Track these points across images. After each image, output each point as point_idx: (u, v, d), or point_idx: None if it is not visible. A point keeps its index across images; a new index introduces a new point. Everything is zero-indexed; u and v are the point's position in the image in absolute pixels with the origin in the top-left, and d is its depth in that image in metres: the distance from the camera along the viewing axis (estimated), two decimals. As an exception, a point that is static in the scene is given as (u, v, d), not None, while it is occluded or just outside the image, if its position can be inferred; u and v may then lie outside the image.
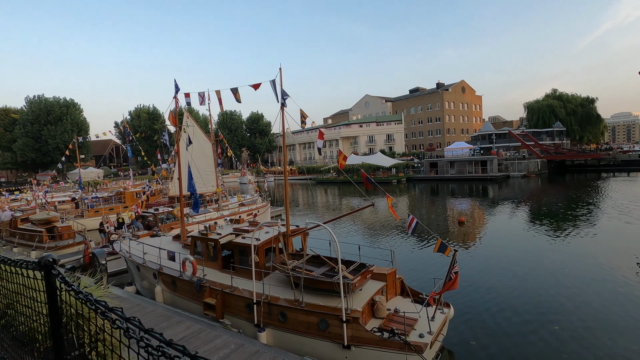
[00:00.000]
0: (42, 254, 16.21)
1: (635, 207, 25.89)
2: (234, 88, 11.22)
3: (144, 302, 11.28)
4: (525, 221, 24.07)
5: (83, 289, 3.99)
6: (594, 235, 19.12)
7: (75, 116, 77.15)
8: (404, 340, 7.12)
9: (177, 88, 13.03)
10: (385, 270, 9.20)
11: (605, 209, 25.83)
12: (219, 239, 10.76)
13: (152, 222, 20.07)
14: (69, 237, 20.44)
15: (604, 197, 31.86)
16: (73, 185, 53.22)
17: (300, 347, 8.32)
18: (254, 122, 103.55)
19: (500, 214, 27.09)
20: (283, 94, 9.79)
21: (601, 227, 20.75)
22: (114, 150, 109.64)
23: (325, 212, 33.47)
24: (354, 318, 7.57)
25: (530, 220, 24.12)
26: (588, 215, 24.40)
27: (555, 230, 20.61)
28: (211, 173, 22.50)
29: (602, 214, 24.28)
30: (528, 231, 20.79)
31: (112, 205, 30.54)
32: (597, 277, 13.01)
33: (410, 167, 64.14)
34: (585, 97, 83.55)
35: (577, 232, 19.86)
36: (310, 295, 8.50)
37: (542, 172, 60.80)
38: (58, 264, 11.14)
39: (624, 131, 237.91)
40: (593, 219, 23.15)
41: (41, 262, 2.79)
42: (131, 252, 13.31)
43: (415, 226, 8.50)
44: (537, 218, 24.80)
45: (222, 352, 7.98)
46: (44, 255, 2.82)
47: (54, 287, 2.77)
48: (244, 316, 9.26)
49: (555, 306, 10.77)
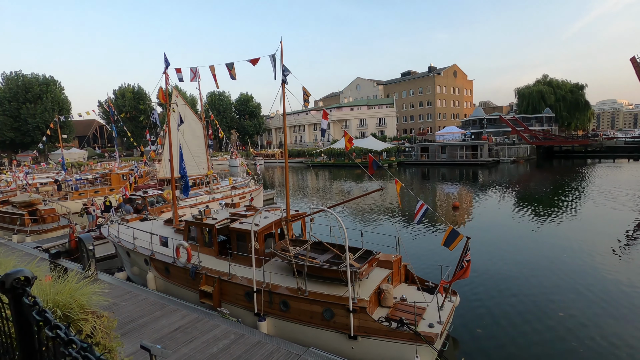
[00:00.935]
0: (24, 238, 15.28)
1: (620, 192, 26.31)
2: (230, 63, 10.45)
3: (135, 289, 10.78)
4: (518, 206, 24.16)
5: (72, 283, 3.44)
6: (589, 220, 19.30)
7: (56, 94, 74.01)
8: (414, 330, 6.83)
9: (167, 63, 12.14)
10: (391, 258, 8.88)
11: (593, 195, 26.14)
12: (215, 224, 10.24)
13: (140, 206, 19.33)
14: (53, 221, 19.58)
15: (591, 183, 32.27)
16: (55, 166, 51.37)
17: (303, 337, 8.00)
18: (244, 103, 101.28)
19: (493, 199, 27.17)
20: (284, 70, 9.12)
21: (592, 213, 20.95)
22: (98, 130, 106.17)
23: (319, 196, 33.09)
24: (362, 308, 7.24)
25: (523, 206, 24.23)
26: (577, 201, 24.66)
27: (549, 215, 20.71)
28: (202, 155, 21.70)
29: (590, 200, 24.54)
30: (523, 216, 20.84)
31: (98, 187, 29.50)
32: (596, 263, 13.03)
33: (401, 152, 64.01)
34: (575, 83, 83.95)
35: (573, 217, 20.01)
36: (314, 284, 8.13)
37: (531, 157, 61.47)
38: (42, 249, 10.23)
39: (608, 118, 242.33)
40: (583, 205, 23.38)
41: (6, 282, 1.85)
42: (120, 237, 12.70)
43: (424, 213, 8.12)
44: (529, 203, 24.93)
45: (221, 342, 7.60)
46: (12, 272, 1.91)
47: (26, 319, 1.86)
48: (243, 305, 8.87)
49: (557, 292, 10.72)
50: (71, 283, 3.52)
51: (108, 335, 3.56)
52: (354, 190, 35.77)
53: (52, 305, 3.11)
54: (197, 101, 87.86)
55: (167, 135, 12.50)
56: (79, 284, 3.63)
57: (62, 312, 3.09)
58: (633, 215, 19.62)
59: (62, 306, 3.14)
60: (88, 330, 3.31)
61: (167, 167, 17.98)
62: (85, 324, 3.29)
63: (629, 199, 23.80)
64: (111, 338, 3.64)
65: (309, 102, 9.10)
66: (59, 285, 3.38)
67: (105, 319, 3.60)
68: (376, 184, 40.52)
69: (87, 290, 3.50)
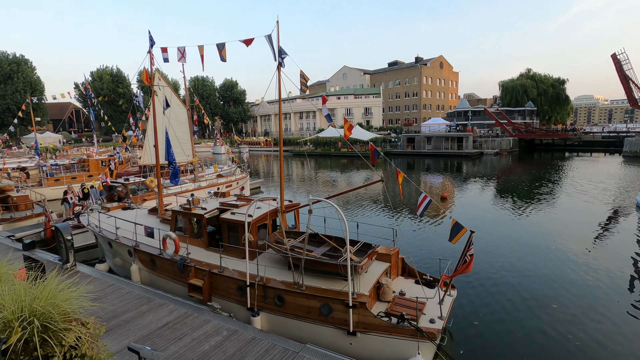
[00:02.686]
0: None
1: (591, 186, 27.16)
2: (221, 43, 9.79)
3: (118, 282, 10.20)
4: (502, 198, 24.47)
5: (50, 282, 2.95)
6: (567, 211, 19.71)
7: (28, 74, 70.09)
8: (415, 326, 6.62)
9: (152, 41, 11.30)
10: (389, 251, 8.63)
11: (568, 188, 26.79)
12: (204, 214, 9.73)
13: (122, 193, 18.46)
14: (27, 208, 18.50)
15: (568, 177, 33.09)
16: (28, 151, 48.87)
17: (299, 333, 7.70)
18: (228, 89, 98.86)
19: (478, 191, 27.44)
20: (280, 52, 8.57)
21: (569, 205, 21.43)
22: (74, 114, 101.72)
23: (307, 185, 32.68)
24: (361, 303, 6.98)
25: (507, 197, 24.54)
26: (557, 194, 25.20)
27: (534, 207, 21.02)
28: (187, 141, 20.85)
29: (565, 193, 25.13)
30: (511, 207, 21.08)
31: (75, 173, 28.13)
32: (585, 254, 13.23)
33: (387, 142, 64.08)
34: (557, 78, 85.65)
35: (557, 209, 20.38)
36: (310, 277, 7.81)
37: (514, 150, 62.69)
38: (15, 239, 9.49)
39: (585, 113, 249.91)
40: (561, 197, 23.90)
41: None
42: (101, 227, 11.99)
43: (427, 206, 7.86)
44: (513, 195, 25.28)
45: (213, 339, 7.21)
46: None
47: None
48: (235, 299, 8.47)
49: (550, 283, 10.79)
50: (50, 285, 3.03)
51: (95, 345, 3.11)
52: (341, 179, 35.53)
53: (28, 314, 2.63)
54: (179, 85, 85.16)
55: (152, 119, 11.74)
56: (60, 287, 3.14)
57: (40, 322, 2.62)
58: (604, 208, 20.33)
59: (40, 315, 2.67)
60: (72, 341, 2.86)
61: (151, 153, 17.14)
62: (68, 334, 2.83)
63: (599, 192, 24.66)
64: (99, 347, 3.19)
65: (307, 87, 8.62)
66: (36, 289, 2.89)
67: (92, 326, 3.14)
68: (365, 173, 40.34)
69: (68, 295, 3.03)
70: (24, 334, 2.53)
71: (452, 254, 9.48)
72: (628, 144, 50.98)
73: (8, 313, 2.61)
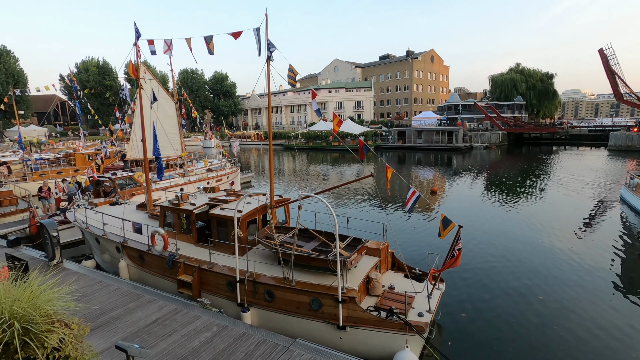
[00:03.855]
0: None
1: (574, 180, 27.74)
2: (208, 36, 9.61)
3: (106, 279, 10.09)
4: (494, 192, 24.80)
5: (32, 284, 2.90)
6: (555, 204, 20.10)
7: (10, 65, 68.04)
8: (404, 320, 6.70)
9: (138, 34, 11.04)
10: (379, 245, 8.68)
11: (555, 182, 27.31)
12: (193, 209, 9.64)
13: (109, 188, 18.17)
14: (11, 204, 18.10)
15: (559, 170, 33.70)
16: (12, 144, 47.67)
17: (289, 328, 7.73)
18: (218, 82, 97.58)
19: (469, 184, 27.75)
20: (269, 46, 8.46)
21: (556, 198, 21.85)
22: (59, 107, 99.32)
23: (299, 180, 32.61)
24: (351, 298, 7.02)
25: (499, 191, 24.89)
26: (546, 187, 25.65)
27: (526, 201, 21.36)
28: (175, 135, 20.55)
29: (554, 186, 25.62)
30: (499, 201, 21.38)
31: (61, 168, 27.58)
32: (570, 246, 13.53)
33: (379, 136, 64.23)
34: (545, 72, 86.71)
35: (542, 202, 20.75)
36: (300, 273, 7.82)
37: (503, 143, 63.39)
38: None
39: (573, 107, 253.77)
40: (550, 190, 24.34)
41: None
42: (88, 223, 11.80)
43: (416, 201, 7.90)
44: (505, 189, 25.64)
45: (203, 335, 7.19)
46: None
47: None
48: (225, 295, 8.45)
49: (536, 276, 11.01)
50: (32, 286, 2.97)
51: (80, 346, 3.06)
52: (333, 173, 35.55)
53: (8, 316, 2.57)
54: (167, 78, 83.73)
55: (139, 113, 11.51)
56: (41, 287, 3.07)
57: (20, 325, 2.56)
58: (590, 201, 20.85)
59: (20, 317, 2.61)
60: (54, 343, 2.81)
61: (138, 147, 16.87)
62: (50, 336, 2.78)
63: (584, 185, 25.28)
64: (83, 348, 3.14)
65: (295, 81, 8.53)
66: (17, 290, 2.83)
67: (76, 327, 3.09)
68: (357, 168, 40.31)
69: (51, 295, 2.97)
70: (4, 337, 2.48)
71: (441, 248, 9.57)
72: (613, 138, 52.00)
73: (-14, 316, 2.55)
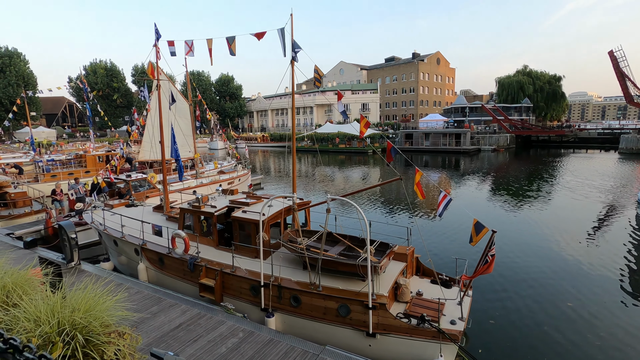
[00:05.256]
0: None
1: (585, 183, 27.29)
2: (231, 37, 9.54)
3: (126, 281, 9.99)
4: (509, 196, 24.49)
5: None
6: (567, 208, 19.78)
7: (20, 68, 68.68)
8: (437, 328, 6.52)
9: (158, 34, 11.00)
10: (405, 250, 8.51)
11: (567, 186, 26.94)
12: (215, 212, 9.53)
13: (123, 190, 18.15)
14: (25, 205, 18.12)
15: (573, 173, 33.28)
16: (22, 145, 48.06)
17: (315, 334, 7.57)
18: (224, 84, 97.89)
19: (481, 187, 27.46)
20: (294, 46, 8.35)
21: (569, 202, 21.52)
22: (67, 109, 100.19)
23: (309, 182, 32.50)
24: (381, 304, 6.85)
25: (514, 195, 24.58)
26: (559, 191, 25.30)
27: (543, 204, 21.06)
28: (188, 137, 20.53)
29: (564, 190, 25.26)
30: (516, 205, 21.10)
31: (72, 169, 27.67)
32: (592, 251, 13.25)
33: (385, 138, 63.99)
34: (553, 74, 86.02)
35: (564, 207, 20.45)
36: (326, 277, 7.67)
37: (510, 146, 62.91)
38: (15, 237, 9.29)
39: (579, 110, 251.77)
40: (562, 194, 24.00)
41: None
42: (106, 225, 11.74)
43: (447, 205, 7.73)
44: (520, 192, 25.33)
45: (230, 341, 7.05)
46: None
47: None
48: (248, 299, 8.31)
49: (561, 281, 10.77)
50: (88, 294, 2.85)
51: (133, 357, 2.94)
52: (338, 175, 35.40)
53: (70, 327, 2.45)
54: (175, 79, 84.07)
55: (159, 114, 11.45)
56: (95, 294, 2.96)
57: (83, 336, 2.44)
58: (606, 205, 20.54)
59: (82, 328, 2.49)
60: (112, 354, 2.68)
61: (151, 149, 16.84)
62: (108, 347, 2.66)
63: (599, 189, 24.85)
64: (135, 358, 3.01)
65: (320, 83, 8.41)
66: (73, 299, 2.71)
67: (128, 337, 2.97)
68: (363, 169, 39.99)
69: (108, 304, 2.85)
70: (67, 349, 2.36)
71: (467, 252, 9.39)
72: (624, 141, 51.38)
73: (47, 327, 2.43)
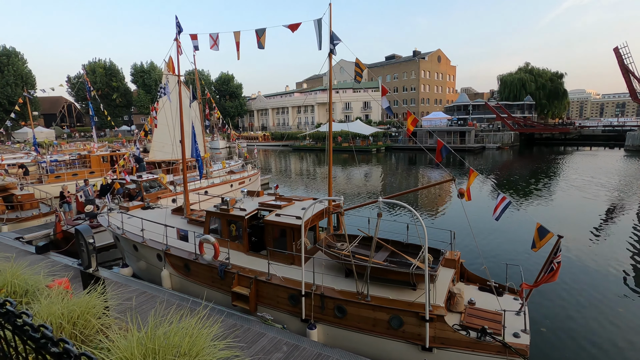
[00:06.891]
0: (0, 227, 13.22)
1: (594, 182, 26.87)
2: (260, 29, 8.98)
3: (150, 289, 9.43)
4: (531, 194, 24.05)
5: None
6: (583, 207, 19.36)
7: (19, 67, 67.69)
8: (502, 342, 6.02)
9: (180, 28, 10.42)
10: (453, 256, 8.01)
11: (593, 186, 26.54)
12: (245, 215, 8.98)
13: (133, 191, 17.57)
14: (32, 207, 17.51)
15: (584, 172, 32.90)
16: (23, 146, 47.23)
17: (363, 348, 7.06)
18: (224, 83, 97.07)
19: (494, 184, 26.99)
20: (333, 38, 7.81)
21: (583, 202, 21.10)
22: (66, 108, 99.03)
23: (317, 181, 31.96)
24: (439, 316, 6.35)
25: (536, 193, 24.12)
26: (590, 191, 24.89)
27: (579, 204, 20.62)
28: (199, 136, 19.93)
29: (598, 190, 24.83)
30: (533, 204, 20.64)
31: (76, 170, 27.01)
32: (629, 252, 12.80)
33: (388, 136, 63.53)
34: (555, 72, 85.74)
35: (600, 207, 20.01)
36: (372, 286, 7.15)
37: (514, 144, 62.58)
38: (25, 241, 8.57)
39: (578, 107, 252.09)
40: (593, 195, 23.57)
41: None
42: (124, 228, 11.16)
43: (505, 208, 7.22)
44: (543, 190, 24.88)
45: (274, 355, 6.52)
46: None
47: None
48: (286, 309, 7.78)
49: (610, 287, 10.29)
50: (184, 327, 2.31)
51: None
52: (341, 175, 34.87)
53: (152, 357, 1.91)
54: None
55: (179, 112, 10.90)
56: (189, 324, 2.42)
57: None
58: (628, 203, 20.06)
59: None
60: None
61: (157, 148, 16.25)
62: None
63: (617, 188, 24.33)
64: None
65: (361, 77, 7.89)
66: (170, 336, 2.18)
67: None
68: (366, 168, 39.47)
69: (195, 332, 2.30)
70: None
71: (503, 257, 8.88)
72: (630, 138, 51.07)
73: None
